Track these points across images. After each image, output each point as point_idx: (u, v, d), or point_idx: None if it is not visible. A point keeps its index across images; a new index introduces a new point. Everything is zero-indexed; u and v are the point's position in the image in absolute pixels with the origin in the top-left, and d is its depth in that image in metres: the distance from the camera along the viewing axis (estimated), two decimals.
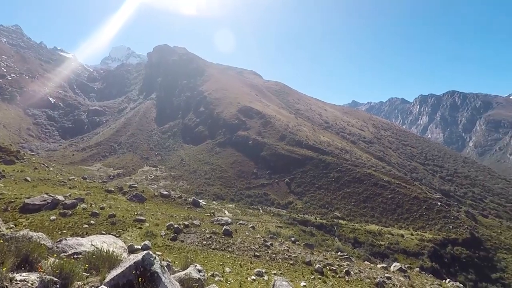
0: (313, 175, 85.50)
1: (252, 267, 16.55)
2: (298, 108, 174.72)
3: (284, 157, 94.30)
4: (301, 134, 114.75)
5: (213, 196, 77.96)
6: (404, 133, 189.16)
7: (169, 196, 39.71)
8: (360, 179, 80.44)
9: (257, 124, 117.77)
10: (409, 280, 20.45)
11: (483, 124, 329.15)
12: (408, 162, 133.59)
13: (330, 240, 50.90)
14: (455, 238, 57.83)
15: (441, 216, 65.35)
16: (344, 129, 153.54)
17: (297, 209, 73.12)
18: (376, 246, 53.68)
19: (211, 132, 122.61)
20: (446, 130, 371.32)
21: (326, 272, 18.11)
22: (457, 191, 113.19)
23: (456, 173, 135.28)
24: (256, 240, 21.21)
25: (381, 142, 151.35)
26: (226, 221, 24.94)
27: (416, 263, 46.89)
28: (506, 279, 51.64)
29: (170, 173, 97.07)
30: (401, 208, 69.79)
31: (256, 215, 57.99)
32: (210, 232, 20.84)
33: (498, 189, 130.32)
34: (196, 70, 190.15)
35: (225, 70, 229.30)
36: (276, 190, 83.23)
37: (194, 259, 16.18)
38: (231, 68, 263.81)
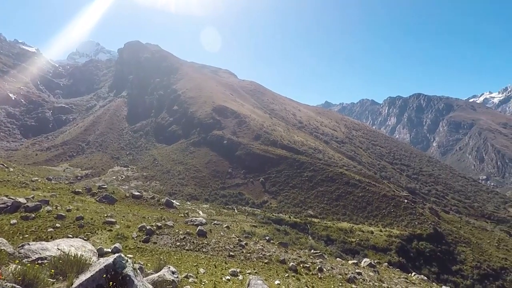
0: (287, 174, 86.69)
1: (226, 267, 16.50)
2: (273, 108, 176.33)
3: (259, 157, 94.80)
4: (276, 134, 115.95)
5: (187, 197, 76.72)
6: (374, 134, 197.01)
7: (141, 197, 38.55)
8: (333, 178, 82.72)
9: (232, 124, 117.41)
10: (378, 275, 21.35)
11: (445, 125, 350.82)
12: (377, 161, 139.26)
13: (304, 238, 51.90)
14: (420, 234, 61.09)
15: (408, 212, 68.81)
16: (317, 129, 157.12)
17: (271, 208, 73.79)
18: (348, 243, 55.49)
19: (185, 131, 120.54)
20: (412, 131, 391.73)
21: (300, 270, 18.46)
22: (422, 188, 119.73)
23: (421, 172, 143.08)
24: (231, 240, 21.17)
25: (353, 142, 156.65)
26: (201, 222, 24.67)
27: (384, 258, 49.04)
28: (465, 270, 55.40)
29: (142, 173, 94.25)
30: (371, 206, 72.61)
31: (231, 215, 57.83)
32: (184, 233, 20.51)
33: (458, 186, 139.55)
34: (169, 68, 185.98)
35: (199, 69, 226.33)
36: (251, 190, 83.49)
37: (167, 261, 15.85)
38: (205, 67, 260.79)
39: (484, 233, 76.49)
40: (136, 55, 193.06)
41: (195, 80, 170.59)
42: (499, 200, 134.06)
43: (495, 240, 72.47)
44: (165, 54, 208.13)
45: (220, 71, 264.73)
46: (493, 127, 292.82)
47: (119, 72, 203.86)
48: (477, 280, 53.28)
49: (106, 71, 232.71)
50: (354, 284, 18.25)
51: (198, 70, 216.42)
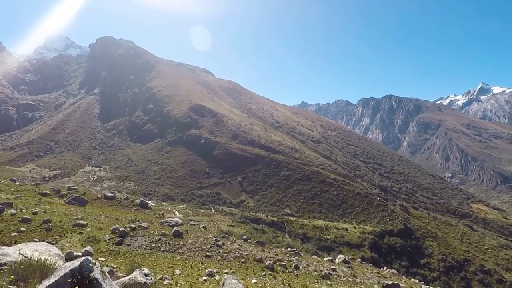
0: (264, 173, 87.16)
1: (203, 267, 16.32)
2: (250, 107, 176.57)
3: (237, 156, 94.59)
4: (253, 134, 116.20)
5: (163, 197, 75.08)
6: (348, 133, 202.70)
7: (114, 198, 37.23)
8: (309, 177, 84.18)
9: (209, 123, 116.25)
10: (352, 270, 21.99)
11: (415, 126, 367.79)
12: (352, 161, 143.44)
13: (281, 237, 52.43)
14: (391, 230, 63.63)
15: (380, 210, 71.44)
16: (294, 129, 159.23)
17: (249, 208, 73.89)
18: (323, 240, 56.73)
19: (161, 130, 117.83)
20: (384, 131, 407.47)
21: (276, 268, 18.61)
22: (393, 186, 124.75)
23: (392, 170, 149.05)
24: (208, 240, 20.95)
25: (328, 142, 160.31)
26: (177, 222, 24.21)
27: (358, 254, 50.61)
28: (432, 263, 58.43)
29: (116, 174, 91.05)
30: (345, 204, 74.67)
31: (208, 215, 57.26)
32: (159, 234, 20.04)
33: (426, 184, 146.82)
34: (144, 65, 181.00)
35: (176, 67, 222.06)
36: (229, 189, 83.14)
37: (141, 263, 15.43)
38: (182, 65, 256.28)
39: (449, 228, 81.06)
40: (109, 51, 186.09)
41: (171, 78, 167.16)
42: (463, 196, 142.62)
43: (459, 234, 77.04)
44: (140, 50, 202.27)
45: (198, 69, 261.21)
46: (457, 128, 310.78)
47: (90, 68, 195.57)
48: (443, 272, 56.36)
49: (76, 67, 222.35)
50: (329, 280, 18.68)
51: (175, 68, 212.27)
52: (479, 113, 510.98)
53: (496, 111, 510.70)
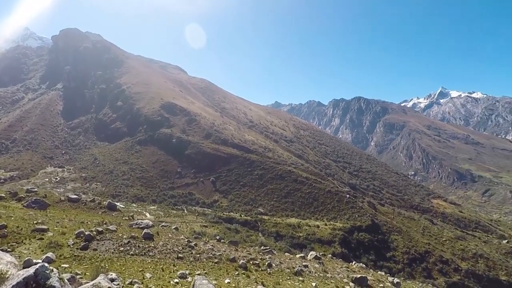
0: (238, 173, 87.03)
1: (175, 269, 15.96)
2: (224, 106, 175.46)
3: (210, 156, 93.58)
4: (227, 133, 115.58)
5: (132, 198, 72.48)
6: (320, 133, 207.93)
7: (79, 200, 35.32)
8: (282, 176, 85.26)
9: (181, 122, 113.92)
10: (323, 266, 22.59)
11: (382, 126, 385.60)
12: (323, 160, 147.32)
13: (254, 236, 52.66)
14: (360, 225, 66.19)
15: (349, 206, 74.03)
16: (267, 129, 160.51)
17: (222, 208, 73.45)
18: (296, 238, 57.79)
19: (131, 129, 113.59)
20: (353, 131, 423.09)
21: (250, 267, 18.66)
22: (362, 184, 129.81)
23: (361, 169, 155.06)
24: (180, 242, 20.52)
25: (301, 141, 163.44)
26: (147, 224, 23.47)
27: (329, 250, 52.14)
28: (397, 256, 61.64)
29: (81, 174, 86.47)
30: (317, 202, 76.54)
31: (180, 215, 56.14)
32: (128, 237, 19.30)
33: (392, 181, 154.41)
34: (113, 60, 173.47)
35: (147, 63, 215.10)
36: (201, 189, 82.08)
37: (109, 268, 14.78)
38: (153, 62, 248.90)
39: (412, 222, 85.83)
40: (74, 44, 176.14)
41: (142, 75, 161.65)
42: (424, 192, 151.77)
43: (420, 227, 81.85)
44: (108, 45, 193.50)
45: (169, 66, 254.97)
46: (419, 129, 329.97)
47: (53, 61, 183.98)
48: (407, 264, 59.67)
49: (37, 60, 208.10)
50: (301, 276, 19.06)
51: (146, 64, 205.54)
52: (438, 115, 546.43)
53: (453, 114, 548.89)
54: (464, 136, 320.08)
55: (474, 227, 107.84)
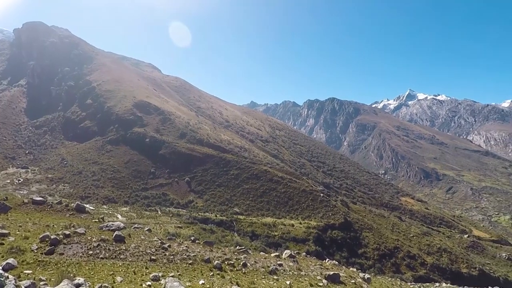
0: (213, 173, 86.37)
1: (147, 272, 15.57)
2: (199, 106, 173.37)
3: (185, 156, 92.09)
4: (202, 132, 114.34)
5: (103, 200, 69.73)
6: (295, 133, 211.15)
7: (44, 203, 33.38)
8: (258, 175, 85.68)
9: (155, 121, 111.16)
10: (297, 264, 22.98)
11: (354, 127, 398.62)
12: (298, 159, 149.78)
13: (230, 236, 52.54)
14: (333, 223, 68.02)
15: (323, 205, 75.82)
16: (243, 128, 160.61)
17: (197, 208, 72.57)
18: (271, 237, 58.33)
19: (101, 128, 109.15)
20: (327, 131, 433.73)
21: (225, 267, 18.60)
22: (335, 183, 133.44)
23: (334, 168, 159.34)
24: (153, 243, 20.03)
25: (276, 141, 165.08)
26: (118, 226, 22.66)
27: (303, 249, 53.09)
28: (368, 252, 64.02)
29: (47, 176, 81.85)
30: (292, 201, 77.69)
31: (153, 217, 54.74)
32: (98, 240, 18.55)
33: (363, 180, 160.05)
34: (82, 56, 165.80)
35: (119, 60, 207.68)
36: (176, 190, 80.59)
37: (77, 273, 14.16)
38: (126, 59, 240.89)
39: (382, 219, 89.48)
40: (39, 39, 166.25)
41: (113, 72, 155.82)
42: (393, 190, 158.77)
43: (390, 224, 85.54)
44: (76, 40, 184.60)
45: (143, 64, 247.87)
46: (389, 129, 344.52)
47: (15, 56, 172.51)
48: (377, 260, 62.14)
49: None
50: (276, 275, 19.28)
51: (117, 61, 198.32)
52: (407, 116, 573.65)
53: (420, 115, 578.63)
54: (430, 136, 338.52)
55: (438, 223, 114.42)
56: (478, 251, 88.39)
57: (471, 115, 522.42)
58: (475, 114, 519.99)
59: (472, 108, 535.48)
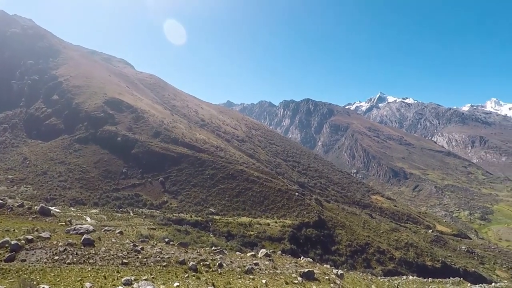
0: (188, 173, 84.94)
1: (119, 276, 14.97)
2: (174, 104, 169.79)
3: (159, 155, 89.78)
4: (177, 131, 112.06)
5: (70, 202, 66.26)
6: (271, 133, 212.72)
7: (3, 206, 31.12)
8: (233, 175, 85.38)
9: (127, 119, 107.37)
10: (273, 263, 23.13)
11: (328, 127, 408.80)
12: (273, 159, 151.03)
13: (205, 236, 51.90)
14: (307, 222, 69.28)
15: (298, 204, 77.02)
16: (219, 128, 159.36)
17: (172, 209, 71.03)
18: (247, 237, 58.34)
19: (68, 125, 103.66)
20: (302, 132, 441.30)
21: (200, 268, 18.33)
22: (310, 182, 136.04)
23: (309, 168, 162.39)
24: (124, 246, 19.30)
25: (252, 141, 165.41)
26: (87, 229, 21.62)
27: (279, 247, 53.63)
28: (341, 249, 65.89)
29: (7, 176, 76.36)
30: (267, 200, 78.19)
31: (125, 219, 52.84)
32: (65, 244, 17.57)
33: (337, 179, 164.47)
34: (48, 49, 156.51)
35: (88, 55, 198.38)
36: (149, 190, 78.36)
37: (41, 280, 13.35)
38: (96, 53, 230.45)
39: (354, 217, 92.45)
40: None
41: (82, 67, 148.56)
42: (365, 189, 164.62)
43: (361, 221, 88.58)
44: (41, 32, 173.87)
45: (114, 59, 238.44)
46: (361, 130, 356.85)
47: None
48: (349, 256, 64.13)
49: None
50: (252, 274, 19.29)
51: (87, 56, 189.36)
52: (378, 118, 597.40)
53: (390, 117, 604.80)
54: (398, 137, 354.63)
55: (406, 219, 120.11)
56: (441, 245, 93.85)
57: (436, 118, 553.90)
58: (439, 117, 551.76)
59: (437, 111, 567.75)
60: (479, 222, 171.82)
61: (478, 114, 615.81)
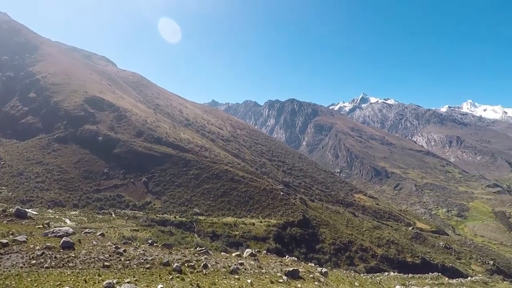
0: (172, 173, 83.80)
1: (100, 279, 14.55)
2: (157, 103, 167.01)
3: (142, 155, 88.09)
4: (161, 131, 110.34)
5: (48, 204, 63.95)
6: (256, 133, 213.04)
7: None
8: (218, 175, 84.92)
9: (109, 118, 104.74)
10: (258, 263, 23.16)
11: (312, 127, 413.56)
12: (259, 159, 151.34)
13: (190, 237, 51.32)
14: (292, 221, 69.80)
15: (283, 203, 77.49)
16: (204, 127, 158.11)
17: (155, 210, 69.85)
18: (232, 237, 58.13)
19: (46, 124, 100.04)
20: (287, 131, 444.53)
21: (185, 269, 18.10)
22: (294, 181, 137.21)
23: (293, 167, 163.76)
24: (106, 249, 18.79)
25: (237, 141, 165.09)
26: (66, 232, 20.89)
27: (264, 247, 53.77)
28: (325, 247, 66.77)
29: None
30: (252, 200, 78.24)
31: (107, 220, 51.53)
32: (43, 248, 16.92)
33: (321, 178, 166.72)
34: (24, 45, 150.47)
35: (68, 51, 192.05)
36: (132, 191, 76.76)
37: (16, 286, 12.81)
38: (76, 50, 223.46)
39: (337, 216, 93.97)
40: None
41: (61, 64, 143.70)
42: (348, 188, 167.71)
43: (345, 220, 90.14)
44: (17, 26, 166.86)
45: (96, 57, 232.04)
46: (345, 130, 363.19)
47: None
48: (333, 254, 65.09)
49: None
50: (237, 274, 19.24)
51: (66, 52, 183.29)
52: (360, 118, 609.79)
53: (372, 117, 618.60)
54: (380, 137, 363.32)
55: (387, 217, 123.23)
56: (421, 241, 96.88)
57: (416, 118, 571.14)
58: (419, 117, 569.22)
59: (417, 112, 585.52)
60: (456, 219, 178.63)
61: (455, 115, 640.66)
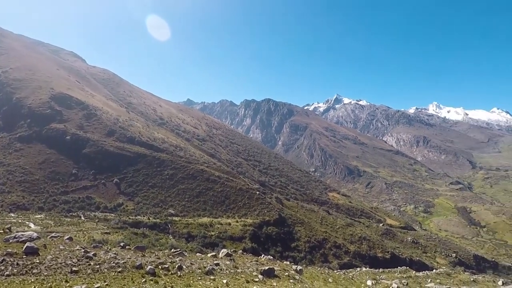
0: (146, 173, 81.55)
1: (68, 286, 13.89)
2: (130, 101, 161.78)
3: (113, 155, 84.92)
4: (134, 130, 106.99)
5: (10, 207, 59.96)
6: (232, 133, 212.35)
7: None
8: (194, 175, 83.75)
9: (78, 116, 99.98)
10: (234, 262, 23.11)
11: (288, 127, 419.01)
12: (235, 158, 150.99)
13: (164, 239, 50.15)
14: (268, 220, 70.31)
15: (259, 203, 77.83)
16: (179, 127, 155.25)
17: (128, 211, 67.63)
18: (208, 237, 57.53)
19: (7, 122, 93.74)
20: (263, 131, 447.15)
21: (158, 272, 17.70)
22: (270, 181, 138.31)
23: (269, 167, 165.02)
24: (74, 253, 17.94)
25: (213, 140, 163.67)
26: (30, 237, 19.71)
27: (240, 246, 53.73)
28: (300, 246, 67.90)
29: None
30: (229, 200, 77.92)
31: (76, 223, 49.12)
32: (3, 254, 15.86)
33: (296, 178, 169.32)
34: None
35: (32, 45, 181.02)
36: (103, 192, 73.78)
37: None
38: (42, 44, 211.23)
39: (312, 214, 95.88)
40: None
41: (25, 59, 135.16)
42: (322, 187, 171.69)
43: (319, 218, 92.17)
44: None
45: (63, 52, 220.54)
46: (319, 130, 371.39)
47: None
48: (308, 252, 66.36)
49: None
50: (213, 275, 19.10)
51: (31, 46, 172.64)
52: (334, 118, 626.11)
53: (345, 118, 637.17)
54: (353, 137, 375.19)
55: (359, 214, 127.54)
56: (390, 237, 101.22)
57: (386, 119, 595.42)
58: (389, 118, 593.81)
59: (387, 113, 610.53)
60: (423, 215, 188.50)
61: (422, 116, 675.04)
